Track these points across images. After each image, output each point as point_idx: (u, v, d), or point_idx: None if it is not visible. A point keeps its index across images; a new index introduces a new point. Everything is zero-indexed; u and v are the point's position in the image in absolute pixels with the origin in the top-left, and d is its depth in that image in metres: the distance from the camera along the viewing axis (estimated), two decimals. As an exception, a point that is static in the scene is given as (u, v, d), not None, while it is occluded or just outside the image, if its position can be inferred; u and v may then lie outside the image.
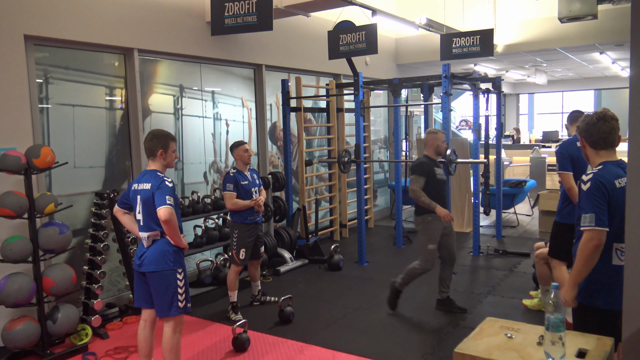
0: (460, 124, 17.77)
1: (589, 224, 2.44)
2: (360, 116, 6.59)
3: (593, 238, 2.43)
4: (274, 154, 7.45)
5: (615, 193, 2.47)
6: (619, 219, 2.45)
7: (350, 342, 4.26)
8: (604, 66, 12.27)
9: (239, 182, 4.72)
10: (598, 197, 2.45)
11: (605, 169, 2.54)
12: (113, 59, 5.29)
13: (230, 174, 4.74)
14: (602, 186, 2.46)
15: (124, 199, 3.50)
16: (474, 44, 6.66)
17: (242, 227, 4.77)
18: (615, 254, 2.51)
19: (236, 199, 4.70)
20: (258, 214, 4.86)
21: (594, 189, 2.47)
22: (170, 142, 3.44)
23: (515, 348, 2.22)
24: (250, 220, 4.79)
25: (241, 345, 4.14)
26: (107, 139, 5.28)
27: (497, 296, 5.29)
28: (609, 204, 2.46)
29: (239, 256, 4.76)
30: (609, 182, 2.48)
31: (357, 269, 6.42)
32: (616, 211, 2.47)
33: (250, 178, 4.83)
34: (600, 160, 2.59)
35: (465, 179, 8.31)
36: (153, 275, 3.33)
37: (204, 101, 6.34)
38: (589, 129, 2.60)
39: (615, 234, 2.48)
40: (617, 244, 2.50)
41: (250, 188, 4.79)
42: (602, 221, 2.43)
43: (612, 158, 2.59)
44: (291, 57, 7.35)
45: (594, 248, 2.43)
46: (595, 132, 2.58)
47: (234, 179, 4.71)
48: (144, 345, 3.50)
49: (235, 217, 4.80)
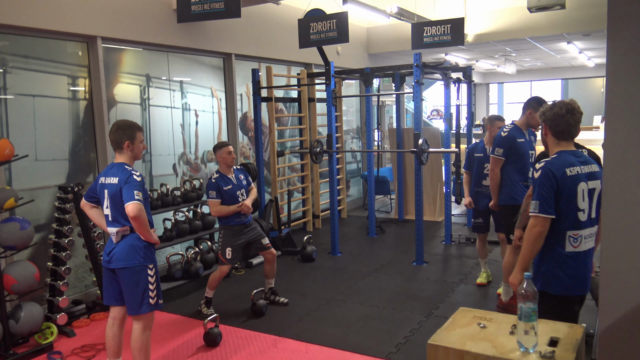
0: (432, 114, 17.92)
1: (534, 210, 2.54)
2: (332, 106, 6.55)
3: (537, 224, 2.53)
4: (245, 145, 7.36)
5: (564, 181, 2.52)
6: (570, 207, 2.53)
7: (323, 334, 4.25)
8: (571, 56, 12.49)
9: (222, 188, 4.54)
10: (545, 186, 2.52)
11: (558, 158, 2.60)
12: (76, 47, 5.11)
13: (212, 179, 4.56)
14: (551, 174, 2.53)
15: (91, 192, 3.39)
16: (445, 32, 6.67)
17: (228, 229, 4.63)
18: (568, 241, 2.57)
19: (221, 205, 4.55)
20: (245, 216, 4.68)
21: (542, 177, 2.55)
22: (137, 132, 3.34)
23: (488, 338, 2.23)
24: (236, 222, 4.63)
25: (213, 340, 4.09)
26: (70, 131, 5.11)
27: (469, 284, 5.35)
28: (558, 192, 2.52)
29: (224, 256, 4.61)
30: (558, 171, 2.54)
31: (330, 260, 6.41)
32: (567, 199, 2.53)
33: (235, 180, 4.65)
34: (558, 149, 2.65)
35: (437, 168, 8.37)
36: (123, 272, 3.24)
37: (172, 91, 6.20)
38: (556, 119, 2.63)
39: (567, 221, 2.55)
40: (570, 232, 2.56)
41: (235, 192, 4.61)
42: (545, 209, 2.51)
43: (569, 148, 2.65)
44: (261, 46, 7.25)
45: (537, 234, 2.53)
46: (561, 123, 2.62)
47: (215, 185, 4.54)
48: (112, 344, 3.41)
49: (222, 220, 4.66)
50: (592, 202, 2.61)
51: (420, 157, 6.01)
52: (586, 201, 2.56)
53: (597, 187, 2.62)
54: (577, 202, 2.54)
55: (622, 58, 1.56)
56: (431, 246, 6.87)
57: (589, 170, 2.61)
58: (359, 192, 10.19)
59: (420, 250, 6.12)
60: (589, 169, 2.61)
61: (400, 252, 6.68)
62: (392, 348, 3.96)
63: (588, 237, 2.60)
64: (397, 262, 6.23)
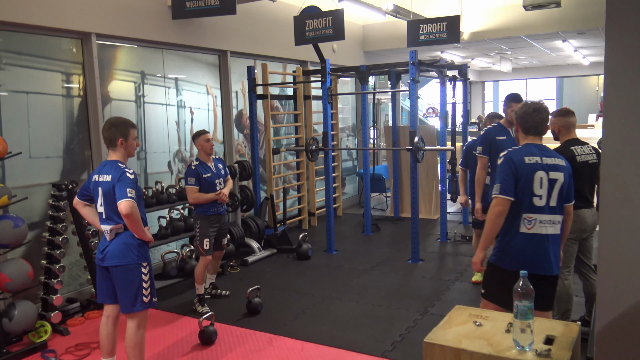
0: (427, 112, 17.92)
1: (495, 191, 2.85)
2: (327, 103, 6.53)
3: (497, 204, 2.83)
4: (240, 143, 7.33)
5: (522, 167, 2.83)
6: (527, 191, 2.83)
7: (319, 332, 4.24)
8: (566, 54, 12.52)
9: (201, 175, 4.58)
10: (506, 170, 2.85)
11: (521, 148, 2.93)
12: (70, 44, 5.07)
13: (192, 166, 4.59)
14: (510, 160, 2.86)
15: (85, 190, 3.38)
16: (440, 30, 6.66)
17: (204, 219, 4.67)
18: (523, 223, 2.86)
19: (199, 192, 4.58)
20: (221, 205, 4.75)
21: (503, 162, 2.88)
22: (131, 129, 3.32)
23: (484, 336, 2.22)
24: (212, 211, 4.68)
25: (208, 339, 4.07)
26: (64, 128, 5.08)
27: (464, 282, 5.35)
28: (516, 177, 2.83)
29: (203, 247, 4.66)
30: (517, 158, 2.86)
31: (326, 258, 6.40)
32: (524, 184, 2.83)
33: (214, 169, 4.69)
34: (525, 142, 2.97)
35: (433, 166, 8.37)
36: (116, 270, 3.22)
37: (167, 88, 6.16)
38: (524, 117, 2.96)
39: (523, 205, 2.84)
40: (525, 214, 2.85)
41: (214, 180, 4.66)
42: (505, 191, 2.82)
43: (536, 142, 2.96)
44: (257, 43, 7.22)
45: (497, 213, 2.83)
46: (529, 120, 2.94)
47: (195, 172, 4.57)
48: (107, 342, 3.39)
49: (197, 209, 4.69)
50: (553, 192, 2.86)
51: (416, 155, 6.00)
52: (544, 189, 2.84)
53: (559, 178, 2.88)
54: (533, 187, 2.83)
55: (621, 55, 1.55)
56: (427, 244, 6.87)
57: (551, 162, 2.88)
58: (355, 190, 10.18)
59: (416, 248, 6.12)
60: (553, 161, 2.89)
61: (396, 250, 6.68)
62: (387, 346, 3.96)
63: (546, 222, 2.86)
64: (392, 260, 6.23)
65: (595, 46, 11.14)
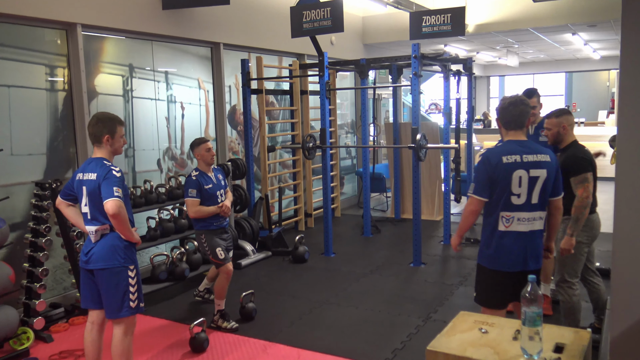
0: (430, 108, 17.94)
1: (470, 191, 3.04)
2: (325, 99, 6.52)
3: (471, 203, 3.05)
4: (233, 140, 7.31)
5: (499, 167, 2.93)
6: (503, 190, 2.94)
7: (316, 339, 4.23)
8: (576, 48, 12.53)
9: (203, 186, 4.41)
10: (481, 171, 3.00)
11: (500, 146, 3.06)
12: (54, 35, 5.05)
13: (192, 177, 4.42)
14: (487, 161, 2.98)
15: (68, 189, 3.36)
16: (444, 22, 6.65)
17: (209, 232, 4.49)
18: (501, 221, 2.99)
19: (200, 205, 4.42)
20: (224, 219, 4.58)
21: (480, 163, 3.03)
22: (118, 126, 3.31)
23: (490, 344, 2.21)
24: (215, 226, 4.51)
25: (199, 346, 4.05)
26: (48, 124, 5.05)
27: (469, 286, 5.34)
28: (492, 178, 2.94)
29: (218, 257, 4.45)
30: (494, 158, 2.96)
31: (323, 261, 6.39)
32: (501, 183, 2.93)
33: (214, 180, 4.53)
34: (507, 139, 3.07)
35: (436, 165, 8.37)
36: (102, 273, 3.21)
37: (157, 82, 6.14)
38: (502, 111, 3.08)
39: (499, 204, 2.97)
40: (502, 213, 2.98)
41: (215, 191, 4.50)
42: (479, 191, 3.00)
43: (518, 137, 3.04)
44: (251, 35, 7.20)
45: (470, 212, 3.06)
46: (507, 114, 3.04)
47: (196, 183, 4.40)
48: (92, 350, 3.37)
49: (198, 225, 4.51)
50: (534, 189, 2.95)
51: (418, 153, 5.99)
52: (524, 187, 2.93)
53: (541, 175, 2.96)
54: (511, 187, 2.93)
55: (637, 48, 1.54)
56: (429, 246, 6.87)
57: (533, 159, 2.96)
58: (354, 190, 10.17)
59: (417, 251, 6.11)
60: (534, 158, 2.96)
61: (397, 252, 6.67)
62: (388, 354, 3.95)
63: (524, 220, 2.96)
64: (393, 263, 6.22)
65: (607, 39, 11.15)
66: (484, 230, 3.09)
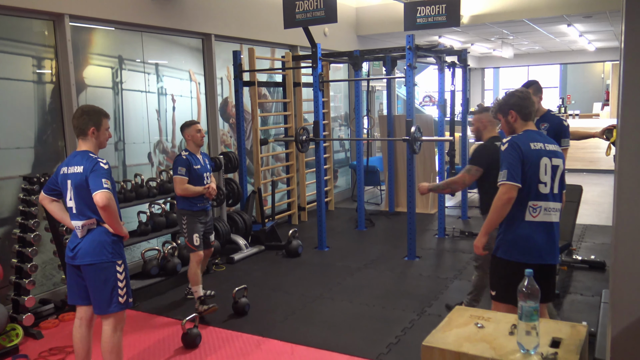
0: (424, 100, 17.91)
1: (502, 178, 2.87)
2: (318, 91, 6.48)
3: (506, 192, 2.85)
4: (225, 133, 7.27)
5: (529, 153, 2.88)
6: (533, 178, 2.88)
7: (310, 334, 4.21)
8: (571, 39, 12.52)
9: (192, 165, 4.53)
10: (512, 156, 2.87)
11: (524, 134, 2.98)
12: (41, 26, 4.98)
13: (183, 156, 4.54)
14: (517, 146, 2.89)
15: (52, 184, 3.32)
16: (439, 13, 6.60)
17: (190, 214, 4.62)
18: (528, 211, 2.91)
19: (187, 184, 4.53)
20: (208, 201, 4.73)
21: (509, 148, 2.90)
22: (103, 119, 3.30)
23: (487, 339, 2.20)
24: (199, 207, 4.64)
25: (192, 342, 4.03)
26: (36, 117, 5.00)
27: (463, 280, 5.35)
28: (523, 162, 2.86)
29: (193, 242, 4.61)
30: (523, 144, 2.90)
31: (317, 255, 6.38)
32: (530, 171, 2.87)
33: (202, 162, 4.67)
34: (525, 129, 3.02)
35: (430, 157, 8.35)
36: (89, 269, 3.18)
37: (147, 74, 6.08)
38: (524, 102, 3.02)
39: (529, 192, 2.89)
40: (531, 202, 2.90)
41: (203, 173, 4.64)
42: (513, 177, 2.84)
43: (533, 128, 3.06)
44: (243, 26, 7.14)
45: (506, 200, 2.85)
46: (528, 105, 3.02)
47: (186, 162, 4.51)
48: (80, 347, 3.34)
49: (182, 204, 4.63)
50: (555, 179, 2.95)
51: (412, 146, 5.98)
52: (548, 176, 2.91)
53: (560, 165, 2.98)
54: (539, 174, 2.89)
55: None
56: (424, 240, 6.87)
57: (553, 148, 2.97)
58: (348, 183, 10.16)
59: (412, 245, 6.11)
60: (553, 147, 2.98)
61: (391, 246, 6.67)
62: (382, 349, 3.94)
63: (550, 210, 2.93)
64: (387, 257, 6.22)
65: (602, 31, 11.15)
66: (507, 221, 2.93)
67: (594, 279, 5.21)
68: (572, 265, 5.54)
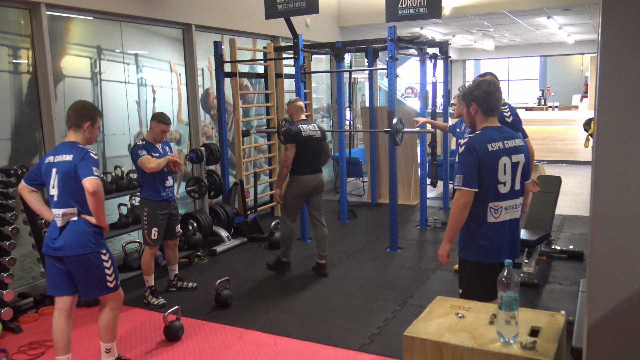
0: (406, 92, 17.96)
1: (458, 183, 2.82)
2: (301, 82, 6.47)
3: (461, 197, 2.81)
4: (207, 124, 7.22)
5: (485, 156, 2.80)
6: (491, 180, 2.82)
7: (292, 326, 4.23)
8: (551, 32, 12.65)
9: (151, 152, 4.52)
10: (469, 161, 2.80)
11: (482, 134, 2.87)
12: (17, 15, 4.88)
13: (139, 143, 4.53)
14: (473, 150, 2.80)
15: (34, 174, 3.34)
16: (421, 4, 6.61)
17: (152, 204, 4.60)
18: (490, 212, 2.86)
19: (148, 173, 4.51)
20: (171, 190, 4.70)
21: (465, 153, 2.82)
22: (98, 118, 3.42)
23: (467, 329, 2.23)
24: (163, 196, 4.62)
25: (174, 334, 4.02)
26: (12, 108, 4.90)
27: (445, 271, 5.40)
28: (480, 166, 2.79)
29: (150, 236, 4.61)
30: (480, 146, 2.81)
31: (299, 247, 6.38)
32: (488, 173, 2.81)
33: (161, 150, 4.66)
34: (485, 125, 2.91)
35: (412, 149, 8.40)
36: (74, 260, 3.20)
37: (127, 65, 6.01)
38: (487, 96, 2.87)
39: (488, 194, 2.83)
40: (491, 203, 2.85)
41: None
42: (468, 182, 2.79)
43: (494, 124, 2.92)
44: (224, 17, 7.08)
45: (462, 206, 2.81)
46: (492, 100, 2.88)
47: (145, 146, 4.51)
48: (60, 338, 3.32)
49: (145, 193, 4.61)
50: (516, 175, 2.88)
51: (394, 138, 6.00)
52: (508, 174, 2.84)
53: (521, 160, 2.90)
54: (497, 175, 2.82)
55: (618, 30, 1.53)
56: (406, 231, 6.91)
57: (512, 144, 2.88)
58: (330, 175, 10.17)
59: (394, 236, 6.15)
60: (513, 143, 2.89)
61: (373, 237, 6.70)
62: (365, 339, 3.97)
63: (509, 208, 2.89)
64: (369, 249, 6.25)
65: (581, 23, 11.28)
66: (469, 225, 2.89)
67: (573, 269, 5.30)
68: (551, 255, 5.63)
